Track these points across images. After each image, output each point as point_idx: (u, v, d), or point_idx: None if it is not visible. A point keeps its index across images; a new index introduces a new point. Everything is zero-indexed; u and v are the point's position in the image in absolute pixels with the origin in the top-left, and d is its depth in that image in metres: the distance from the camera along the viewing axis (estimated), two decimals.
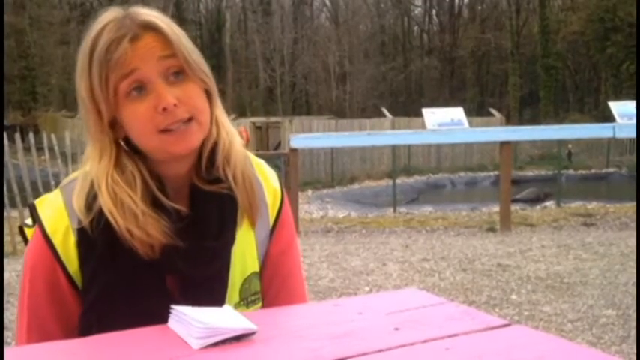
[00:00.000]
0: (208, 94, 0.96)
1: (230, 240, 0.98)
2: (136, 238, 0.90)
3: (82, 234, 0.92)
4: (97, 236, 0.91)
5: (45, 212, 0.96)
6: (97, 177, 0.92)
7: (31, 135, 8.02)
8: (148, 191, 0.92)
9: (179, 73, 0.91)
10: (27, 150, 7.69)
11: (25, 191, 7.09)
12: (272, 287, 1.07)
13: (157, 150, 0.92)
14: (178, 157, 0.93)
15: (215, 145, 0.96)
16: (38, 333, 0.95)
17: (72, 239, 0.93)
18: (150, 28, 0.89)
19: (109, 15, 0.91)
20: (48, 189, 6.64)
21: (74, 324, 0.94)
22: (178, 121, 0.90)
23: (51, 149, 7.86)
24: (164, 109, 0.88)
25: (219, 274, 0.97)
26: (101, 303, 0.92)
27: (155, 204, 0.91)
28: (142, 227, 0.89)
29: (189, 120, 0.91)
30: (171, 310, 0.81)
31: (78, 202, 0.93)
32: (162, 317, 0.82)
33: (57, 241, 0.94)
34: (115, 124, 0.93)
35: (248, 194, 0.99)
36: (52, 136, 8.10)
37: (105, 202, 0.90)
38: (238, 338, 0.75)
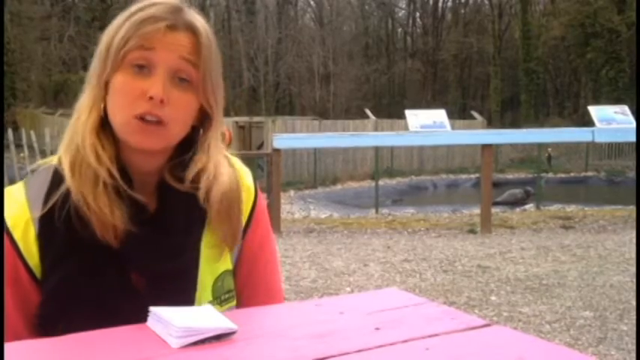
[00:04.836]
0: (204, 117, 0.98)
1: (196, 238, 0.96)
2: (92, 211, 0.88)
3: (42, 222, 0.91)
4: (59, 224, 0.89)
5: (6, 206, 0.94)
6: (83, 130, 0.91)
7: (10, 131, 7.91)
8: (111, 177, 0.90)
9: (185, 80, 0.92)
10: (5, 147, 7.58)
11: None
12: (249, 285, 1.06)
13: (122, 127, 0.91)
14: (138, 148, 0.92)
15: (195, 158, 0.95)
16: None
17: (32, 232, 0.92)
18: (190, 28, 0.92)
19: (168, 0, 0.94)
20: None
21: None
22: (154, 116, 0.90)
23: (30, 146, 7.77)
24: (151, 98, 0.89)
25: (186, 272, 0.95)
26: (61, 292, 0.90)
27: (117, 192, 0.90)
28: (97, 202, 0.88)
29: (162, 123, 0.90)
30: (149, 311, 0.80)
31: (42, 190, 0.92)
32: (126, 313, 0.81)
33: (17, 235, 0.92)
34: (106, 87, 0.93)
35: (231, 221, 0.97)
36: (32, 132, 8.01)
37: (71, 164, 0.90)
38: (218, 338, 0.75)
